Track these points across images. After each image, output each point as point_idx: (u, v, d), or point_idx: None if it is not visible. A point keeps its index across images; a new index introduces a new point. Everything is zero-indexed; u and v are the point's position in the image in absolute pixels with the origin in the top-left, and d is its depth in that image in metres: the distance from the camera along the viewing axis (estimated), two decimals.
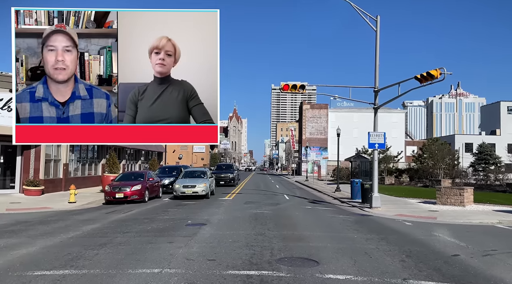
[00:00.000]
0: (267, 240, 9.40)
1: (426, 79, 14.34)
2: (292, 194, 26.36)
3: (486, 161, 33.96)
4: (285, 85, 18.05)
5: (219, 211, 15.40)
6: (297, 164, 76.39)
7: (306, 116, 74.33)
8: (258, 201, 20.15)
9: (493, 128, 71.43)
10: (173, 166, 31.43)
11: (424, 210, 16.82)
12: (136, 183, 19.15)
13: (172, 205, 18.03)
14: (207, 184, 21.36)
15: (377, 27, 17.93)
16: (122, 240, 9.38)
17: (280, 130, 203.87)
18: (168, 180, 24.98)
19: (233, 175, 33.94)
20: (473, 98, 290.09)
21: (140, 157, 41.61)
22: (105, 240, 9.35)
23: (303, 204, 19.40)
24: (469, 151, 61.73)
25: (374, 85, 18.27)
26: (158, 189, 21.93)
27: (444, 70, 13.88)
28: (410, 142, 77.04)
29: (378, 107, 18.31)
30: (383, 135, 17.94)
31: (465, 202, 18.04)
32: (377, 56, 18.12)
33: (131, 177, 20.73)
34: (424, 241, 9.76)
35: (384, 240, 9.77)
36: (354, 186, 21.71)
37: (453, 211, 16.67)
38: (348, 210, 17.30)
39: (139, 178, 20.21)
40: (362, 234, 10.76)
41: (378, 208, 17.06)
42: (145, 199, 19.07)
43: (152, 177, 21.36)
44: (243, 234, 10.16)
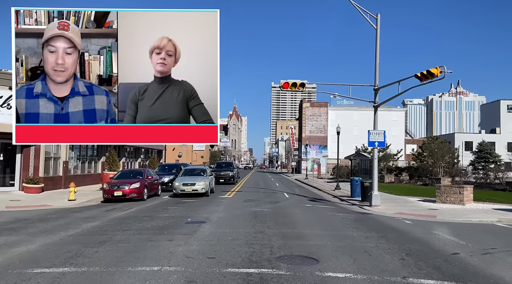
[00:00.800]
0: (267, 238, 9.40)
1: (426, 77, 14.32)
2: (291, 192, 26.37)
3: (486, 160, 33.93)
4: (285, 83, 18.02)
5: (218, 209, 15.41)
6: (297, 162, 76.46)
7: (306, 114, 74.31)
8: (258, 199, 20.16)
9: (493, 126, 71.41)
10: (173, 164, 31.36)
11: (424, 209, 16.82)
12: (135, 181, 19.08)
13: (172, 203, 18.03)
14: (207, 182, 21.36)
15: (377, 25, 17.89)
16: (121, 237, 9.38)
17: (280, 128, 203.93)
18: (168, 178, 24.95)
19: (233, 173, 33.94)
20: (473, 96, 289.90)
21: (140, 155, 41.62)
22: (104, 237, 9.35)
23: (303, 202, 19.41)
24: (469, 149, 61.75)
25: (374, 83, 18.24)
26: (157, 187, 21.89)
27: (445, 68, 13.86)
28: (410, 140, 77.08)
29: (378, 105, 18.29)
30: (383, 133, 17.93)
31: (464, 201, 18.05)
32: (377, 54, 18.09)
33: (129, 175, 20.64)
34: (423, 239, 9.75)
35: (384, 238, 9.76)
36: (354, 184, 21.70)
37: (452, 209, 16.67)
38: (347, 208, 17.31)
39: (138, 176, 20.14)
40: (361, 232, 10.76)
41: (377, 206, 17.05)
42: (143, 197, 19.03)
43: (151, 175, 21.24)
44: (242, 232, 10.17)
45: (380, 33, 17.93)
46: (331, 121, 70.80)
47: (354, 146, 48.63)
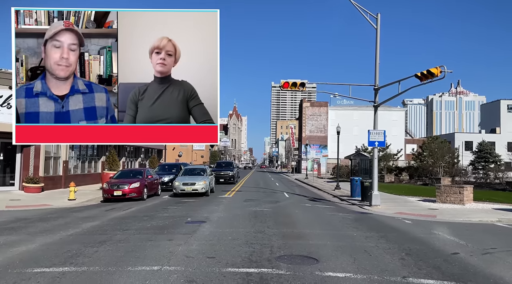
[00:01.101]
0: (267, 238, 9.41)
1: (427, 77, 14.32)
2: (291, 192, 26.38)
3: (486, 160, 33.88)
4: (285, 82, 18.02)
5: (218, 209, 15.41)
6: (297, 162, 76.48)
7: (306, 114, 74.31)
8: (258, 199, 20.16)
9: (493, 126, 71.41)
10: (173, 164, 31.32)
11: (424, 208, 16.82)
12: (135, 181, 19.05)
13: (172, 202, 18.04)
14: (207, 182, 21.37)
15: (378, 25, 17.88)
16: (121, 237, 9.38)
17: (280, 128, 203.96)
18: (168, 178, 24.92)
19: (233, 173, 33.96)
20: (473, 96, 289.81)
21: (140, 154, 41.64)
22: (104, 237, 9.35)
23: (303, 202, 19.41)
24: (469, 149, 61.76)
25: (374, 83, 18.24)
26: (157, 187, 21.86)
27: (445, 68, 13.86)
28: (410, 140, 77.06)
29: (378, 105, 18.29)
30: (383, 133, 17.93)
31: (464, 200, 18.05)
32: (377, 54, 18.08)
33: (129, 174, 20.59)
34: (423, 239, 9.76)
35: (384, 238, 9.76)
36: (354, 184, 21.70)
37: (452, 209, 16.67)
38: (347, 208, 17.31)
39: (138, 175, 20.11)
40: (361, 232, 10.76)
41: (377, 206, 17.05)
42: (143, 197, 19.01)
43: (151, 175, 21.17)
44: (242, 232, 10.17)
45: (380, 32, 17.94)
46: (331, 121, 70.79)
47: (354, 146, 48.66)
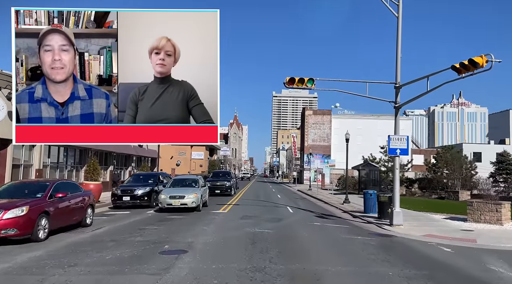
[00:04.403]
0: (269, 281, 6.55)
1: (467, 69, 11.50)
2: (296, 206, 23.43)
3: (508, 172, 31.19)
4: (290, 79, 15.24)
5: (208, 230, 12.49)
6: (299, 172, 73.37)
7: (308, 122, 71.40)
8: (257, 215, 17.24)
9: (502, 137, 68.84)
10: (149, 174, 26.24)
11: (456, 230, 13.98)
12: (19, 204, 10.07)
13: (154, 220, 15.07)
14: (198, 195, 18.44)
15: (399, 13, 15.22)
16: (58, 280, 6.49)
17: (281, 138, 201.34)
18: (142, 191, 19.98)
19: (230, 183, 30.93)
20: (475, 107, 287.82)
21: (131, 162, 38.64)
22: (32, 280, 6.46)
23: (310, 220, 16.51)
24: (477, 160, 58.92)
25: (395, 80, 15.51)
26: (83, 212, 12.89)
27: (492, 57, 11.07)
28: (417, 150, 74.04)
29: (401, 105, 15.49)
30: (406, 139, 15.12)
31: (502, 220, 15.17)
32: (399, 47, 15.37)
33: (16, 192, 11.47)
34: (484, 280, 7.10)
35: (432, 281, 6.96)
36: (368, 198, 18.90)
37: (490, 230, 13.85)
38: (364, 228, 14.43)
39: (32, 194, 11.22)
40: (396, 268, 7.95)
41: (400, 226, 14.23)
42: (36, 234, 10.06)
43: (64, 193, 11.65)
44: (234, 270, 7.31)
45: (402, 21, 15.27)
46: (335, 130, 67.88)
47: (358, 156, 45.71)
